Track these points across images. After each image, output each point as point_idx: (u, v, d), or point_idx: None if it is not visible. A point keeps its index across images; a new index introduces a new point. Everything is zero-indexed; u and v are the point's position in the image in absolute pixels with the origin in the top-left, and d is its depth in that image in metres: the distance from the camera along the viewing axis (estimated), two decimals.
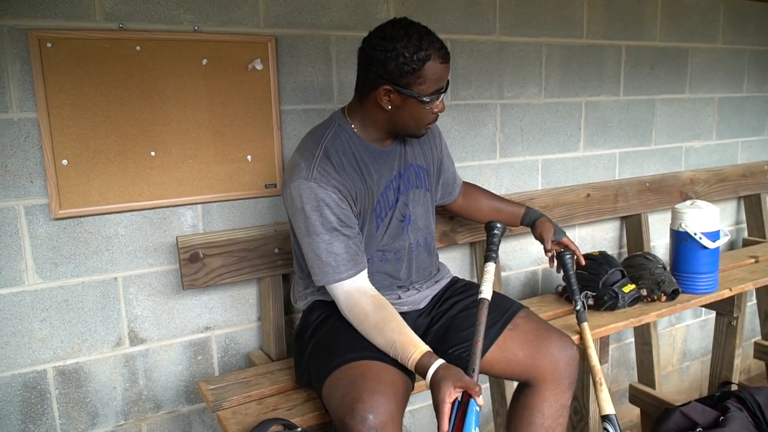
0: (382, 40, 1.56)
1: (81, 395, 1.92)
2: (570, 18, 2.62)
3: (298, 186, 1.57)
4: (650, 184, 2.89)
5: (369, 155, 1.69)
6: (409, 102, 1.59)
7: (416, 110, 1.61)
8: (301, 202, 1.57)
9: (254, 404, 1.67)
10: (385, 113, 1.63)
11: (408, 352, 1.47)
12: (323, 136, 1.66)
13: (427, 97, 1.57)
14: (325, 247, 1.57)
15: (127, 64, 1.81)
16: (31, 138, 1.74)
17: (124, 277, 1.92)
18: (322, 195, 1.56)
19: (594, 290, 2.19)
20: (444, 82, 1.61)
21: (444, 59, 1.57)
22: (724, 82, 3.22)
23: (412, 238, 1.80)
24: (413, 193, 1.79)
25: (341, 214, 1.59)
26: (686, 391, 3.40)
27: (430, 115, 1.64)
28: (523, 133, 2.59)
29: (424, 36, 1.54)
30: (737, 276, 2.54)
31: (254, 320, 2.14)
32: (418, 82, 1.55)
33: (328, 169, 1.59)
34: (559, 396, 1.72)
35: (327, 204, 1.57)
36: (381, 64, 1.55)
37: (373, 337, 1.54)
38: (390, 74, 1.55)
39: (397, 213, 1.75)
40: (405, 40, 1.52)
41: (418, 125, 1.66)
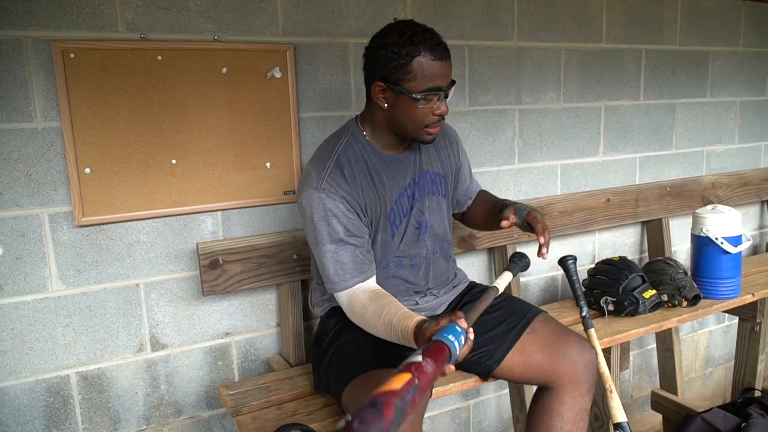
0: (376, 38, 1.59)
1: (103, 400, 1.95)
2: (589, 23, 2.61)
3: (308, 196, 1.60)
4: (671, 189, 2.86)
5: (381, 163, 1.69)
6: (401, 99, 1.57)
7: (410, 109, 1.58)
8: (310, 211, 1.60)
9: (273, 409, 1.69)
10: (384, 112, 1.63)
11: (405, 325, 1.43)
12: (336, 146, 1.67)
13: (417, 95, 1.54)
14: (332, 256, 1.59)
15: (148, 73, 1.84)
16: (55, 147, 1.77)
17: (145, 283, 1.95)
18: (329, 205, 1.58)
19: (614, 296, 2.17)
20: (441, 82, 1.56)
21: (437, 56, 1.53)
22: (746, 86, 3.18)
23: (429, 245, 1.81)
24: (429, 200, 1.79)
25: (349, 224, 1.60)
26: (709, 398, 3.36)
27: (429, 117, 1.59)
28: (541, 138, 2.58)
29: (418, 33, 1.53)
30: (761, 281, 2.51)
31: (273, 326, 2.16)
32: (407, 78, 1.53)
33: (338, 180, 1.60)
34: (579, 399, 1.71)
35: (335, 214, 1.58)
36: (373, 60, 1.58)
37: (374, 325, 1.53)
38: (381, 70, 1.56)
39: (412, 220, 1.76)
40: (396, 35, 1.53)
41: (416, 127, 1.61)
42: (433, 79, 1.54)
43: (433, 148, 1.82)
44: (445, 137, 1.88)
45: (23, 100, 1.72)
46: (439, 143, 1.84)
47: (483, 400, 2.67)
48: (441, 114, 1.61)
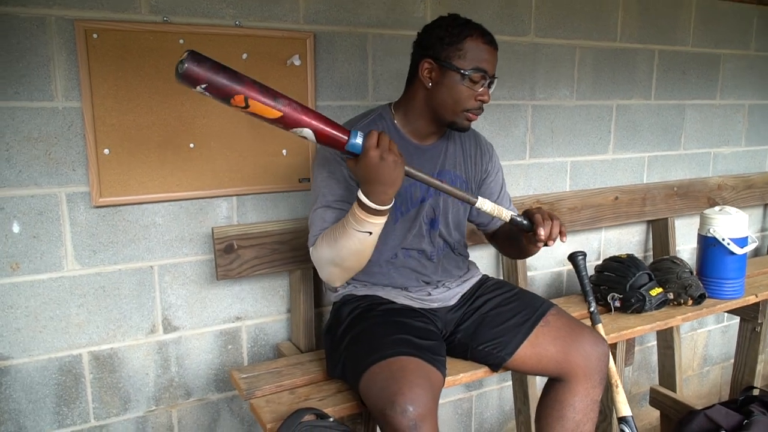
0: (430, 24, 1.69)
1: (114, 380, 1.96)
2: (605, 21, 2.62)
3: (318, 157, 1.72)
4: (678, 189, 2.89)
5: (402, 147, 1.68)
6: (448, 76, 1.62)
7: (455, 87, 1.62)
8: (317, 172, 1.70)
9: (286, 394, 1.70)
10: (426, 92, 1.67)
11: (352, 212, 1.51)
12: (361, 120, 1.74)
13: (466, 71, 1.59)
14: (320, 215, 1.66)
15: (170, 56, 1.84)
16: (75, 127, 1.78)
17: (160, 265, 1.96)
18: (333, 168, 1.66)
19: (621, 292, 2.20)
20: (488, 66, 1.62)
21: (487, 41, 1.62)
22: (755, 89, 3.20)
23: (440, 242, 1.83)
24: (444, 199, 1.80)
25: (347, 190, 1.66)
26: (705, 396, 3.40)
27: (471, 100, 1.63)
28: (553, 134, 2.60)
29: (471, 21, 1.63)
30: (763, 282, 2.54)
31: (284, 312, 2.18)
32: (457, 55, 1.60)
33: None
34: (590, 391, 1.74)
35: (335, 177, 1.66)
36: (425, 41, 1.66)
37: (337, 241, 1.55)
38: (432, 48, 1.63)
39: (423, 215, 1.77)
40: (451, 20, 1.64)
41: (456, 108, 1.65)
42: (482, 61, 1.61)
43: (460, 152, 1.84)
44: (478, 146, 1.90)
45: (45, 79, 1.72)
46: (470, 150, 1.86)
47: (485, 392, 2.70)
48: (483, 100, 1.65)
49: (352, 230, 1.51)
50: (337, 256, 1.57)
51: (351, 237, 1.52)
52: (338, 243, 1.55)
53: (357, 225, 1.50)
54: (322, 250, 1.60)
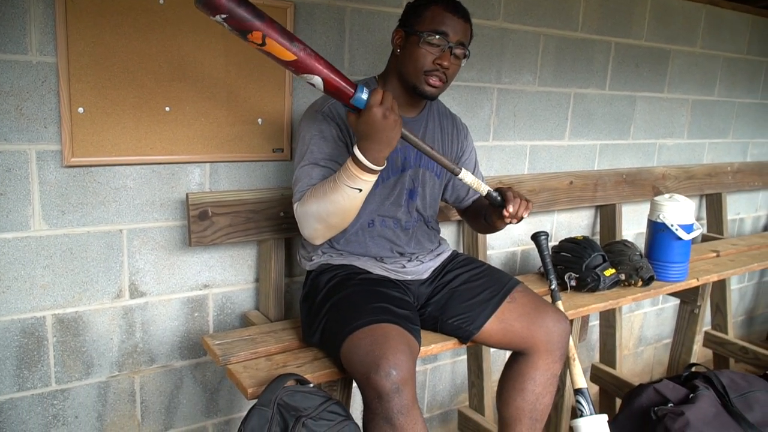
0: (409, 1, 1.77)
1: (78, 344, 1.93)
2: (568, 11, 2.71)
3: (307, 116, 1.75)
4: (626, 176, 3.03)
5: None
6: (410, 40, 1.69)
7: (415, 50, 1.68)
8: (304, 131, 1.72)
9: (263, 360, 1.72)
10: (396, 59, 1.75)
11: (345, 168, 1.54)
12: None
13: (421, 34, 1.65)
14: (307, 171, 1.68)
15: (149, 17, 1.80)
16: (48, 83, 1.72)
17: (129, 229, 1.93)
18: (323, 127, 1.70)
19: (577, 272, 2.30)
20: (449, 30, 1.66)
21: (452, 9, 1.67)
22: (699, 85, 3.38)
23: (414, 214, 1.88)
24: (423, 172, 1.87)
25: (334, 149, 1.70)
26: (639, 374, 3.60)
27: (429, 62, 1.67)
28: (515, 118, 2.68)
29: None
30: (702, 267, 2.71)
31: (251, 281, 2.18)
32: (419, 21, 1.68)
33: (339, 109, 1.71)
34: (551, 365, 1.83)
35: (324, 136, 1.70)
36: (404, 12, 1.76)
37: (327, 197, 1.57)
38: (404, 18, 1.74)
39: (403, 183, 1.83)
40: None
41: (417, 70, 1.69)
42: (441, 24, 1.66)
43: (439, 129, 1.91)
44: (455, 125, 1.99)
45: (20, 32, 1.66)
46: (447, 127, 1.94)
47: (439, 365, 2.78)
48: (440, 63, 1.68)
49: (343, 185, 1.54)
50: (324, 210, 1.59)
51: (341, 192, 1.54)
52: (327, 197, 1.57)
53: (348, 180, 1.53)
54: (310, 205, 1.61)
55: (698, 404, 2.13)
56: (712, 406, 2.14)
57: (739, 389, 2.24)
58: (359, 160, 1.50)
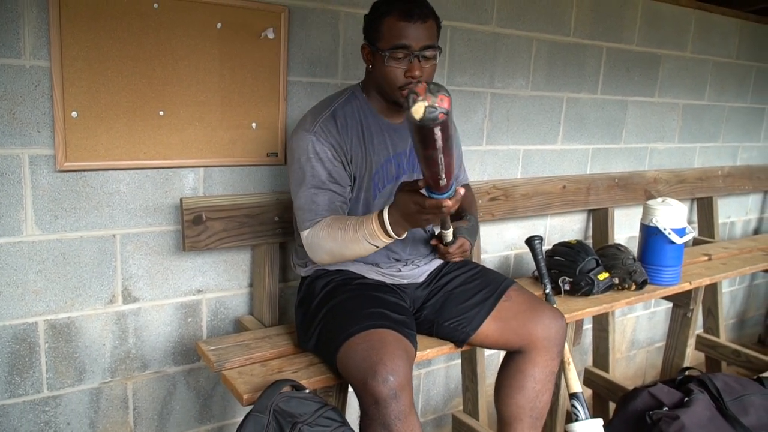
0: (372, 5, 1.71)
1: (70, 350, 1.91)
2: (560, 16, 2.73)
3: (298, 137, 1.69)
4: (619, 180, 3.05)
5: (376, 126, 1.76)
6: (376, 58, 1.67)
7: (382, 68, 1.65)
8: (299, 152, 1.68)
9: (258, 366, 1.71)
10: (371, 74, 1.74)
11: (369, 226, 1.54)
12: (336, 100, 1.76)
13: (384, 53, 1.63)
14: (310, 197, 1.66)
15: (143, 21, 1.80)
16: (42, 87, 1.71)
17: (122, 234, 1.91)
18: (317, 148, 1.66)
19: (571, 276, 2.31)
20: (408, 41, 1.61)
21: (405, 17, 1.60)
22: (689, 90, 3.41)
23: None
24: (417, 176, 1.82)
25: (332, 170, 1.68)
26: (632, 378, 3.61)
27: (401, 77, 1.64)
28: (509, 122, 2.69)
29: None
30: (694, 271, 2.72)
31: (245, 286, 2.17)
32: (378, 37, 1.65)
33: (330, 128, 1.68)
34: (549, 362, 1.83)
35: (320, 158, 1.67)
36: (365, 23, 1.72)
37: (346, 245, 1.59)
38: (366, 32, 1.71)
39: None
40: (377, 2, 1.67)
41: (392, 86, 1.66)
42: (400, 37, 1.61)
43: None
44: None
45: (13, 35, 1.65)
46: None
47: (433, 370, 2.78)
48: (412, 76, 1.63)
49: (363, 239, 1.56)
50: (338, 251, 1.63)
51: (359, 243, 1.58)
52: (345, 244, 1.60)
53: (369, 237, 1.56)
54: (324, 241, 1.63)
55: (693, 408, 2.14)
56: (707, 409, 2.15)
57: (734, 393, 2.25)
58: (385, 226, 1.51)
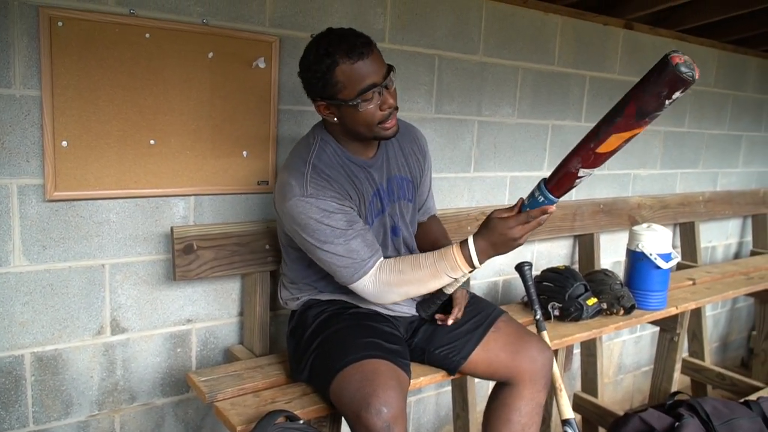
0: (300, 62, 1.60)
1: (57, 383, 1.88)
2: (544, 46, 2.78)
3: (295, 204, 1.57)
4: (603, 206, 3.08)
5: (356, 166, 1.70)
6: (344, 110, 1.57)
7: (356, 115, 1.57)
8: (305, 217, 1.57)
9: (251, 396, 1.69)
10: (337, 124, 1.63)
11: (452, 260, 1.57)
12: (309, 152, 1.65)
13: (353, 101, 1.53)
14: (343, 249, 1.58)
15: (134, 50, 1.80)
16: (32, 116, 1.70)
17: (111, 264, 1.90)
18: (323, 206, 1.57)
19: (560, 302, 2.32)
20: (372, 78, 1.53)
21: (356, 57, 1.50)
22: (669, 117, 3.47)
23: (402, 248, 1.86)
24: (398, 204, 1.82)
25: (346, 217, 1.60)
26: (620, 402, 3.62)
27: (378, 114, 1.57)
28: (496, 149, 2.72)
29: (332, 42, 1.52)
30: (680, 296, 2.75)
31: (235, 315, 2.15)
32: (337, 89, 1.53)
33: (321, 183, 1.59)
34: (536, 395, 1.83)
35: (331, 212, 1.57)
36: (305, 84, 1.60)
37: (419, 280, 1.61)
38: (314, 90, 1.58)
39: (385, 224, 1.78)
40: (313, 53, 1.54)
41: (370, 127, 1.60)
42: (362, 79, 1.52)
43: (401, 153, 1.83)
44: (415, 142, 1.88)
45: (3, 65, 1.64)
46: (408, 148, 1.85)
47: (423, 398, 2.76)
48: (388, 106, 1.58)
49: (444, 274, 1.59)
50: (415, 291, 1.64)
51: (439, 278, 1.60)
52: (423, 283, 1.61)
53: (451, 271, 1.58)
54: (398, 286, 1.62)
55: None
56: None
57: (722, 417, 2.26)
58: (471, 257, 1.54)
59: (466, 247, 1.55)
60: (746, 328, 4.48)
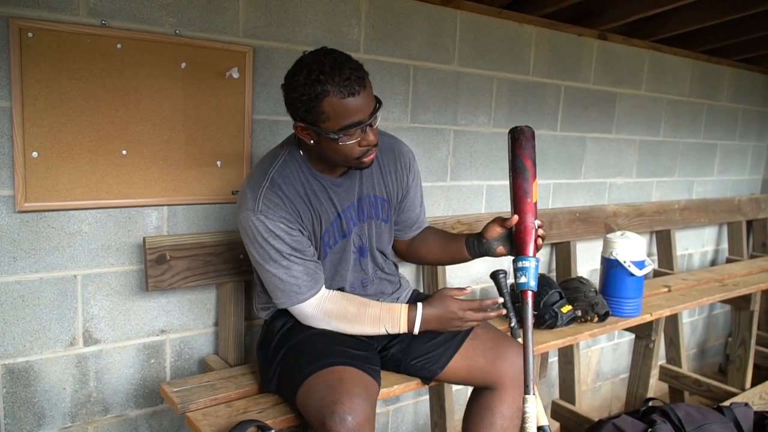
0: (288, 77, 1.54)
1: (29, 395, 1.86)
2: (519, 56, 2.81)
3: (246, 218, 1.59)
4: (579, 215, 3.11)
5: (319, 185, 1.68)
6: (322, 138, 1.53)
7: (334, 146, 1.54)
8: (252, 233, 1.60)
9: (223, 407, 1.69)
10: (312, 147, 1.61)
11: (396, 315, 1.67)
12: (272, 165, 1.64)
13: (335, 134, 1.49)
14: (284, 272, 1.62)
15: (106, 61, 1.80)
16: (1, 127, 1.70)
17: (83, 275, 1.89)
18: (270, 227, 1.58)
19: (535, 309, 2.33)
20: (358, 116, 1.49)
21: (348, 92, 1.45)
22: (644, 126, 3.52)
23: (370, 268, 1.84)
24: (368, 224, 1.80)
25: (293, 242, 1.61)
26: (598, 409, 3.64)
27: (356, 149, 1.55)
28: (472, 158, 2.74)
29: (326, 70, 1.45)
30: (655, 303, 2.78)
31: (210, 325, 2.15)
32: (321, 119, 1.49)
33: (274, 200, 1.59)
34: (517, 398, 1.82)
35: (277, 234, 1.59)
36: (288, 101, 1.55)
37: (361, 324, 1.68)
38: (296, 111, 1.53)
39: (351, 245, 1.77)
40: (305, 75, 1.47)
41: (346, 160, 1.58)
42: (348, 116, 1.48)
43: (378, 171, 1.79)
44: (398, 160, 1.84)
45: None
46: (388, 166, 1.81)
47: (401, 406, 2.76)
48: (368, 144, 1.56)
49: (383, 327, 1.71)
50: (347, 329, 1.71)
51: (376, 328, 1.71)
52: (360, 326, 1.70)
53: (390, 328, 1.71)
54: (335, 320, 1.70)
55: None
56: None
57: (695, 422, 2.28)
58: (414, 324, 1.69)
59: (414, 313, 1.67)
60: (723, 334, 4.53)
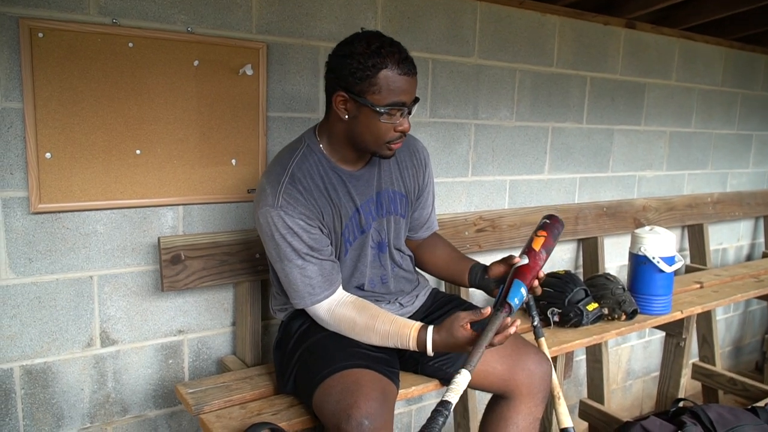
0: (342, 46, 1.55)
1: (47, 396, 1.86)
2: (542, 47, 2.73)
3: (265, 213, 1.56)
4: (607, 209, 3.03)
5: (338, 179, 1.66)
6: (363, 111, 1.53)
7: (372, 123, 1.54)
8: (270, 229, 1.56)
9: (237, 408, 1.66)
10: (344, 124, 1.58)
11: (404, 335, 1.56)
12: (291, 159, 1.63)
13: (381, 108, 1.50)
14: (299, 272, 1.58)
15: (118, 60, 1.79)
16: (14, 128, 1.69)
17: (99, 276, 1.88)
18: (289, 223, 1.55)
19: (560, 307, 2.27)
20: (405, 97, 1.52)
21: (404, 71, 1.50)
22: (675, 117, 3.41)
23: (389, 264, 1.81)
24: (387, 219, 1.77)
25: (310, 240, 1.58)
26: (628, 408, 3.55)
27: (391, 132, 1.56)
28: (494, 153, 2.68)
29: (385, 45, 1.49)
30: (686, 300, 2.69)
31: (228, 325, 2.13)
32: (371, 90, 1.49)
33: (295, 195, 1.57)
34: (533, 409, 1.78)
35: (295, 231, 1.55)
36: (338, 69, 1.53)
37: (368, 337, 1.59)
38: (345, 80, 1.51)
39: (370, 240, 1.74)
40: (363, 45, 1.49)
41: (378, 141, 1.57)
42: (399, 93, 1.51)
43: (396, 166, 1.78)
44: (413, 156, 1.83)
45: None
46: (405, 162, 1.80)
47: (424, 406, 2.72)
48: (403, 130, 1.57)
49: (391, 342, 1.58)
50: (357, 336, 1.62)
51: (385, 342, 1.59)
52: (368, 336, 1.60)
53: (399, 344, 1.58)
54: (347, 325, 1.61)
55: None
56: None
57: (727, 424, 2.19)
58: (425, 344, 1.54)
59: (423, 336, 1.55)
60: (760, 331, 4.39)
